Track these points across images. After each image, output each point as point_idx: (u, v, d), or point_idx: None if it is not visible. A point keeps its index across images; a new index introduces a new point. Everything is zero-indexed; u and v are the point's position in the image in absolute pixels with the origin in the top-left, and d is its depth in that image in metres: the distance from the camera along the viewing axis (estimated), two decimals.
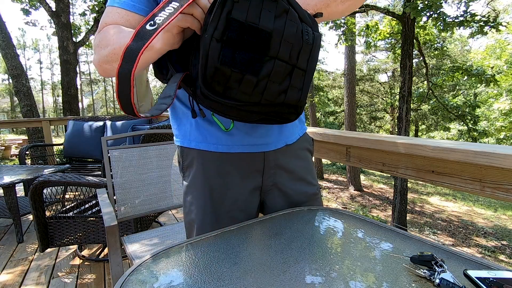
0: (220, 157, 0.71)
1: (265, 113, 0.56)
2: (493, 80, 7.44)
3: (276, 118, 0.58)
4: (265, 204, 0.78)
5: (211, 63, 0.48)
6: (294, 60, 0.52)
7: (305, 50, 0.53)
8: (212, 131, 0.70)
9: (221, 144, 0.70)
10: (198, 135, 0.71)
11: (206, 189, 0.72)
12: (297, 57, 0.52)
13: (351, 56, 12.19)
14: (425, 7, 6.00)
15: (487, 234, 8.46)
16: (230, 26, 0.47)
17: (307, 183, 0.80)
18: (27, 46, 36.64)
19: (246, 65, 0.49)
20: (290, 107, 0.56)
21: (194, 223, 0.73)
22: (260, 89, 0.51)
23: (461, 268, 0.47)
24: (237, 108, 0.54)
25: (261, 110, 0.55)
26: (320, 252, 0.53)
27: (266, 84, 0.51)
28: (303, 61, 0.53)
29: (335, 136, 1.31)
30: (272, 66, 0.50)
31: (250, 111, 0.55)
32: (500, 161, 0.75)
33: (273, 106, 0.54)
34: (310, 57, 0.54)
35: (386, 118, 19.01)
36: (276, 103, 0.53)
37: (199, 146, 0.72)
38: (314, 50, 0.54)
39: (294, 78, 0.53)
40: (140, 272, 0.48)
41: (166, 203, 1.57)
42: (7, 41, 5.83)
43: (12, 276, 1.99)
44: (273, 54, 0.50)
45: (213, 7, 0.48)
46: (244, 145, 0.71)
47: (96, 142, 3.47)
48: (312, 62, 0.54)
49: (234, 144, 0.70)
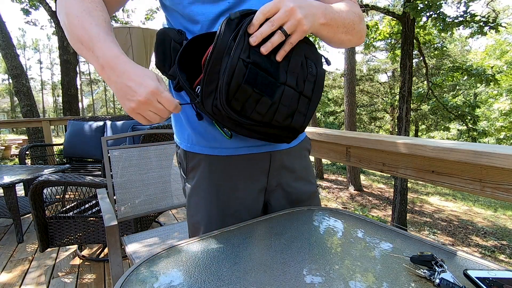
0: (226, 159, 0.71)
1: (269, 134, 0.61)
2: (493, 80, 7.44)
3: (273, 138, 0.63)
4: (269, 204, 0.78)
5: (236, 81, 0.52)
6: (301, 87, 0.58)
7: (309, 80, 0.59)
8: (215, 135, 0.70)
9: (225, 147, 0.71)
10: (202, 140, 0.71)
11: (212, 191, 0.71)
12: (303, 85, 0.59)
13: (351, 56, 12.18)
14: (425, 7, 6.00)
15: (487, 234, 8.46)
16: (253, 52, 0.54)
17: (308, 182, 0.81)
18: (27, 46, 36.64)
19: (265, 87, 0.54)
20: (292, 131, 0.61)
21: (200, 225, 0.73)
22: (273, 110, 0.56)
23: (461, 268, 0.47)
24: (246, 127, 0.58)
25: (266, 131, 0.59)
26: (320, 252, 0.53)
27: (278, 107, 0.56)
28: (308, 89, 0.59)
29: (335, 136, 1.31)
30: (282, 91, 0.56)
31: (256, 131, 0.59)
32: (500, 161, 0.76)
33: (279, 128, 0.59)
34: (314, 87, 0.60)
35: (386, 118, 19.02)
36: (283, 125, 0.58)
37: (203, 150, 0.72)
38: (318, 82, 0.60)
39: (300, 104, 0.59)
40: (140, 272, 0.48)
41: (166, 203, 1.57)
42: (7, 41, 5.83)
43: (12, 276, 1.99)
44: (282, 81, 0.56)
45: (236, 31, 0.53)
46: (249, 147, 0.71)
47: (96, 142, 3.46)
48: (316, 92, 0.60)
49: (239, 146, 0.71)
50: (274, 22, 0.53)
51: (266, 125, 0.58)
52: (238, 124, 0.57)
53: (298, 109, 0.58)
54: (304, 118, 0.60)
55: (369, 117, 19.33)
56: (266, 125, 0.58)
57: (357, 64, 17.84)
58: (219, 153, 0.71)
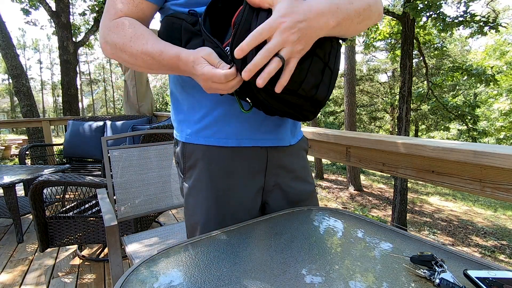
0: (225, 155, 0.71)
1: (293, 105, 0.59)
2: (493, 80, 7.44)
3: (298, 113, 0.61)
4: (268, 205, 0.78)
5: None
6: (326, 58, 0.57)
7: (333, 52, 0.58)
8: (217, 124, 0.70)
9: (230, 138, 0.70)
10: (207, 130, 0.71)
11: (211, 190, 0.71)
12: (328, 57, 0.57)
13: (351, 56, 12.19)
14: (425, 7, 6.00)
15: (487, 234, 8.46)
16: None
17: (305, 181, 0.81)
18: (27, 46, 36.66)
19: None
20: (315, 104, 0.59)
21: (198, 225, 0.73)
22: (301, 78, 0.54)
23: (461, 268, 0.47)
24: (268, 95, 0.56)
25: (291, 101, 0.57)
26: (320, 252, 0.53)
27: (306, 75, 0.54)
28: (332, 61, 0.58)
29: (335, 136, 1.31)
30: (311, 61, 0.54)
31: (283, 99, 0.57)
32: (500, 161, 0.76)
33: (304, 98, 0.57)
34: (335, 60, 0.59)
35: (386, 118, 19.02)
36: (308, 96, 0.57)
37: (208, 141, 0.71)
38: (338, 55, 0.59)
39: (325, 75, 0.57)
40: (140, 272, 0.48)
41: (166, 203, 1.57)
42: (7, 41, 5.84)
43: (12, 276, 1.99)
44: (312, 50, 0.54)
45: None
46: (252, 139, 0.71)
47: (96, 142, 3.47)
48: (337, 64, 0.59)
49: (243, 138, 0.70)
50: (269, 52, 0.49)
51: (292, 93, 0.55)
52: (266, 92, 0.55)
53: (323, 80, 0.57)
54: (327, 91, 0.58)
55: (369, 117, 19.34)
56: (292, 93, 0.55)
57: (357, 64, 17.83)
58: (225, 144, 0.70)
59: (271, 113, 0.63)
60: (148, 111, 4.12)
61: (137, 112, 4.07)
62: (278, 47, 0.49)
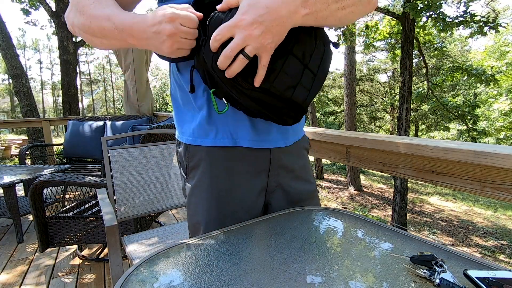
0: (228, 156, 0.71)
1: (267, 105, 0.57)
2: (493, 80, 7.45)
3: (274, 113, 0.59)
4: (270, 205, 0.78)
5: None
6: (307, 60, 0.55)
7: (317, 54, 0.56)
8: (219, 126, 0.70)
9: (231, 139, 0.70)
10: (202, 131, 0.71)
11: (212, 191, 0.71)
12: (309, 59, 0.55)
13: (351, 56, 12.19)
14: (425, 7, 6.00)
15: (487, 234, 8.46)
16: None
17: (307, 181, 0.81)
18: (27, 46, 36.65)
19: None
20: (293, 107, 0.57)
21: (200, 225, 0.73)
22: (272, 77, 0.53)
23: (461, 268, 0.47)
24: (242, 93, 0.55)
25: (265, 100, 0.56)
26: (320, 252, 0.53)
27: (279, 73, 0.53)
28: (314, 65, 0.56)
29: (335, 136, 1.31)
30: (286, 59, 0.53)
31: (257, 99, 0.56)
32: (500, 161, 0.76)
33: (279, 99, 0.55)
34: (321, 64, 0.57)
35: (386, 118, 19.02)
36: (283, 97, 0.55)
37: (204, 142, 0.71)
38: (325, 60, 0.57)
39: (304, 77, 0.55)
40: (140, 272, 0.48)
41: (166, 203, 1.57)
42: (7, 41, 5.84)
43: (12, 276, 1.99)
44: (288, 48, 0.53)
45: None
46: (250, 140, 0.70)
47: (96, 142, 3.47)
48: (322, 69, 0.57)
49: (239, 138, 0.70)
50: (231, 52, 0.49)
51: (264, 91, 0.54)
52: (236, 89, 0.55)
53: (301, 82, 0.55)
54: (307, 94, 0.56)
55: (369, 117, 19.34)
56: (264, 91, 0.54)
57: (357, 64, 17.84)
58: (221, 144, 0.70)
59: (253, 115, 0.62)
60: (148, 111, 4.12)
61: (137, 112, 4.07)
62: (240, 44, 0.49)
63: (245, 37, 0.48)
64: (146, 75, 4.08)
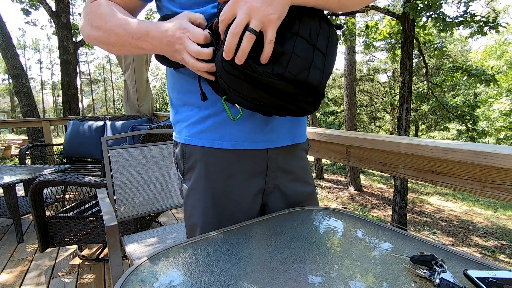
0: (224, 157, 0.70)
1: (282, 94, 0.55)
2: (493, 80, 7.44)
3: (293, 106, 0.57)
4: (267, 207, 0.78)
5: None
6: (314, 40, 0.54)
7: (323, 35, 0.55)
8: (217, 126, 0.69)
9: (225, 140, 0.69)
10: (204, 133, 0.70)
11: (209, 192, 0.71)
12: (316, 39, 0.54)
13: (351, 56, 12.19)
14: (425, 7, 6.00)
15: (487, 234, 8.46)
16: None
17: (305, 182, 0.80)
18: (27, 46, 36.66)
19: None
20: (309, 91, 0.55)
21: (197, 226, 0.73)
22: (285, 60, 0.51)
23: (461, 268, 0.47)
24: (258, 84, 0.53)
25: (281, 88, 0.53)
26: (320, 252, 0.53)
27: (291, 56, 0.51)
28: (322, 44, 0.55)
29: (335, 136, 1.31)
30: (294, 41, 0.52)
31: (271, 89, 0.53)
32: (500, 161, 0.76)
33: (294, 84, 0.53)
34: (328, 42, 0.55)
35: (386, 118, 19.02)
36: (299, 79, 0.53)
37: (202, 142, 0.70)
38: (332, 39, 0.56)
39: (315, 58, 0.54)
40: (140, 272, 0.48)
41: (166, 203, 1.57)
42: (7, 41, 5.84)
43: (12, 276, 1.99)
44: (294, 31, 0.52)
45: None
46: (249, 142, 0.70)
47: (96, 142, 3.47)
48: (331, 47, 0.56)
49: (238, 140, 0.69)
50: (236, 28, 0.49)
51: (279, 77, 0.52)
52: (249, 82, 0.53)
53: (313, 63, 0.53)
54: (322, 75, 0.54)
55: (369, 117, 19.34)
56: (279, 77, 0.52)
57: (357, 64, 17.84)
58: (219, 146, 0.69)
59: (268, 113, 0.61)
60: (148, 111, 4.12)
61: (137, 112, 4.07)
62: (244, 18, 0.48)
63: (247, 10, 0.48)
64: (146, 75, 4.08)
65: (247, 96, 0.56)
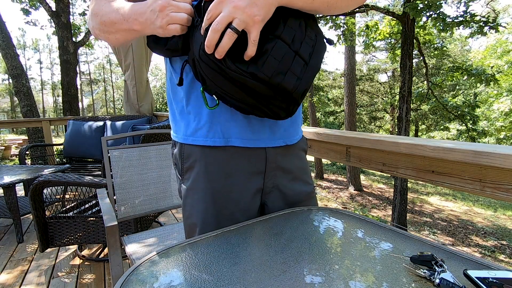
0: (222, 156, 0.70)
1: (256, 94, 0.55)
2: (493, 80, 7.44)
3: (265, 107, 0.58)
4: (266, 206, 0.78)
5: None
6: (296, 46, 0.54)
7: (307, 43, 0.55)
8: (211, 125, 0.69)
9: (219, 137, 0.69)
10: (202, 131, 0.70)
11: (208, 192, 0.71)
12: (299, 46, 0.54)
13: (351, 56, 12.19)
14: (425, 7, 6.00)
15: (487, 234, 8.46)
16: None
17: (304, 182, 0.80)
18: (27, 46, 36.65)
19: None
20: (284, 96, 0.56)
21: (196, 226, 0.72)
22: (261, 61, 0.52)
23: (461, 268, 0.47)
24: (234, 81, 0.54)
25: (255, 87, 0.54)
26: (320, 252, 0.53)
27: (267, 58, 0.52)
28: (305, 52, 0.55)
29: (335, 136, 1.31)
30: (274, 43, 0.53)
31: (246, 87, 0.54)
32: (501, 161, 0.76)
33: (268, 86, 0.54)
34: (313, 52, 0.56)
35: (386, 118, 19.02)
36: (272, 83, 0.53)
37: (196, 141, 0.70)
38: (317, 49, 0.56)
39: (294, 64, 0.54)
40: (140, 272, 0.48)
41: (166, 203, 1.57)
42: (7, 41, 5.84)
43: (12, 276, 1.99)
44: (277, 34, 0.53)
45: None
46: (243, 139, 0.70)
47: (96, 142, 3.47)
48: (315, 58, 0.56)
49: (231, 137, 0.69)
50: (218, 25, 0.50)
51: (254, 77, 0.52)
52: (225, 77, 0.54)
53: (291, 68, 0.54)
54: (299, 81, 0.55)
55: (369, 117, 19.34)
56: (254, 77, 0.52)
57: (357, 64, 17.85)
58: (212, 144, 0.69)
59: (244, 111, 0.63)
60: (148, 111, 4.12)
61: (137, 112, 4.07)
62: (227, 17, 0.50)
63: (231, 9, 0.49)
64: (146, 75, 4.08)
65: (221, 88, 0.56)
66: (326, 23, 8.30)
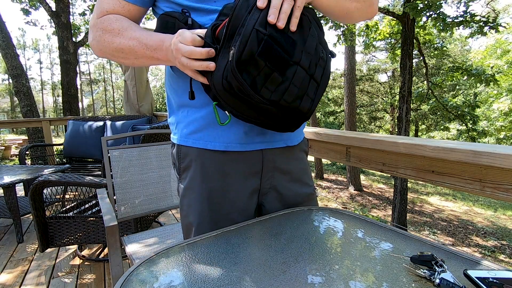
0: (219, 157, 0.70)
1: (274, 116, 0.58)
2: (493, 80, 7.44)
3: (278, 124, 0.60)
4: (263, 207, 0.78)
5: (249, 51, 0.50)
6: (312, 70, 0.57)
7: (320, 65, 0.58)
8: (210, 129, 0.70)
9: (218, 142, 0.70)
10: (197, 133, 0.71)
11: (204, 191, 0.71)
12: (314, 69, 0.57)
13: (351, 56, 12.19)
14: (425, 7, 6.00)
15: (487, 234, 8.46)
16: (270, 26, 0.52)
17: (304, 184, 0.80)
18: (27, 46, 36.66)
19: (278, 64, 0.52)
20: (298, 116, 0.59)
21: (192, 226, 0.73)
22: (283, 89, 0.54)
23: (461, 268, 0.47)
24: (252, 106, 0.56)
25: (272, 111, 0.57)
26: (320, 252, 0.53)
27: (289, 86, 0.54)
28: (318, 74, 0.58)
29: (335, 136, 1.31)
30: (295, 71, 0.54)
31: (263, 110, 0.56)
32: (501, 161, 0.76)
33: (286, 110, 0.57)
34: (323, 73, 0.59)
35: (386, 118, 19.02)
36: (291, 107, 0.56)
37: (196, 144, 0.71)
38: (327, 69, 0.59)
39: (310, 87, 0.57)
40: (140, 272, 0.48)
41: (166, 203, 1.57)
42: (7, 41, 5.84)
43: (12, 276, 1.99)
44: (296, 60, 0.54)
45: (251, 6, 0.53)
46: (242, 144, 0.70)
47: (96, 142, 3.47)
48: (324, 77, 0.59)
49: (231, 142, 0.70)
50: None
51: (273, 104, 0.55)
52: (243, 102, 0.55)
53: (307, 92, 0.57)
54: (312, 103, 0.58)
55: (369, 117, 19.33)
56: (273, 104, 0.55)
57: (357, 64, 17.86)
58: (212, 147, 0.70)
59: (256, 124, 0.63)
60: (148, 111, 4.12)
61: (137, 112, 4.07)
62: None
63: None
64: (146, 75, 4.08)
65: (238, 111, 0.58)
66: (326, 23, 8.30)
